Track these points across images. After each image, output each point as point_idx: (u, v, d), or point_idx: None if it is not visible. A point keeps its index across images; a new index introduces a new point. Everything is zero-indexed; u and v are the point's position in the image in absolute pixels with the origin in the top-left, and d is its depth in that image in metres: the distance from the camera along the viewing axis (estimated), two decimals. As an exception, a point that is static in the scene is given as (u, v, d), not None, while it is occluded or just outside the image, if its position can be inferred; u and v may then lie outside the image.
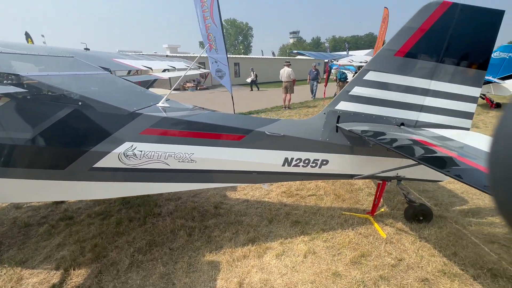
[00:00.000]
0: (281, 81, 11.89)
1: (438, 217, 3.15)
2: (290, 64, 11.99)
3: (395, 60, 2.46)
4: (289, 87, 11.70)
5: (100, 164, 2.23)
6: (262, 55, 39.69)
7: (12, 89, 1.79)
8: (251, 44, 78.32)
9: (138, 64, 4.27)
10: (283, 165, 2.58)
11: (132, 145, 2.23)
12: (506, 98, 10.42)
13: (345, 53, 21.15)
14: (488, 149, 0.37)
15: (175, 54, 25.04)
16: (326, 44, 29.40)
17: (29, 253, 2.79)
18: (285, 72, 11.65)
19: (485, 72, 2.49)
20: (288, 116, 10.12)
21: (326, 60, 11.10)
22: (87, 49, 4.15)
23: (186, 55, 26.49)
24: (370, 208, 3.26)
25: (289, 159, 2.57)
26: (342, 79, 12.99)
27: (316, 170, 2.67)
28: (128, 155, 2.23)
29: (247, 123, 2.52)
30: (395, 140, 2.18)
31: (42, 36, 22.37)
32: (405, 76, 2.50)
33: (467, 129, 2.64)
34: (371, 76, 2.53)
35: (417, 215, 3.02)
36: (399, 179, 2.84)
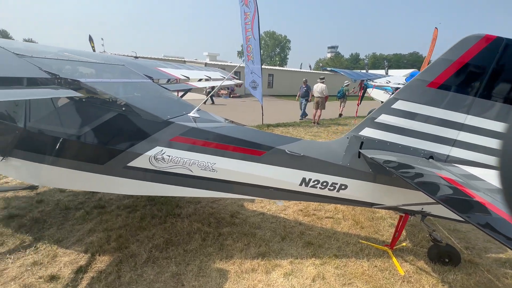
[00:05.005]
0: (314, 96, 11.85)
1: (467, 262, 2.88)
2: (325, 80, 11.92)
3: (428, 91, 2.38)
4: (321, 103, 11.61)
5: (133, 163, 2.48)
6: (300, 68, 39.67)
7: (72, 94, 2.12)
8: (287, 57, 79.27)
9: (178, 73, 4.66)
10: (300, 184, 2.61)
11: (162, 150, 2.45)
12: None
13: (383, 72, 20.31)
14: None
15: (214, 62, 26.47)
16: (365, 61, 28.55)
17: (64, 234, 3.14)
18: (318, 87, 11.61)
19: None
20: (316, 132, 10.01)
21: (362, 79, 10.84)
22: (136, 57, 4.65)
23: (224, 63, 27.77)
24: (390, 240, 3.09)
25: (307, 180, 2.59)
26: (339, 95, 14.55)
27: (333, 193, 2.64)
28: (157, 158, 2.46)
29: (269, 140, 2.61)
30: (418, 175, 2.09)
31: (102, 39, 25.33)
32: (438, 108, 2.40)
33: None
34: (400, 105, 2.47)
35: (442, 256, 2.80)
36: (424, 214, 2.67)
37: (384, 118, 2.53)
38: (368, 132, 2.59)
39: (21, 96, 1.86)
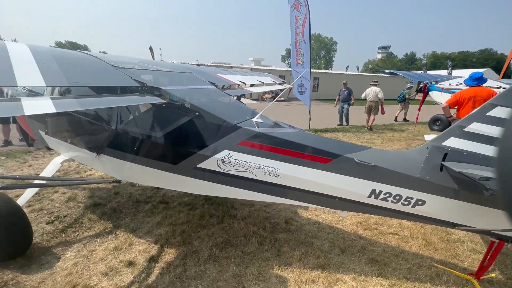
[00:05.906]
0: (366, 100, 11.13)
1: None
2: (379, 84, 11.10)
3: None
4: (374, 108, 10.84)
5: (202, 165, 2.63)
6: (346, 70, 37.90)
7: (156, 100, 2.36)
8: (333, 59, 76.36)
9: (235, 79, 4.86)
10: (369, 196, 2.42)
11: (229, 153, 2.55)
12: None
13: (445, 72, 17.94)
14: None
15: (259, 67, 27.01)
16: (423, 61, 25.27)
17: (137, 224, 3.50)
18: (372, 91, 10.87)
19: None
20: (369, 139, 9.35)
21: (424, 82, 9.73)
22: (198, 65, 5.00)
23: (269, 68, 28.10)
24: (475, 268, 2.66)
25: (377, 192, 2.40)
26: (399, 99, 13.67)
27: (407, 209, 2.39)
28: (224, 161, 2.56)
29: (336, 147, 2.50)
30: None
31: (160, 49, 28.06)
32: (553, 116, 1.98)
33: None
34: (499, 112, 2.12)
35: (551, 297, 2.29)
36: (526, 243, 2.23)
37: (476, 127, 2.19)
38: (454, 143, 2.28)
39: (120, 103, 2.14)
